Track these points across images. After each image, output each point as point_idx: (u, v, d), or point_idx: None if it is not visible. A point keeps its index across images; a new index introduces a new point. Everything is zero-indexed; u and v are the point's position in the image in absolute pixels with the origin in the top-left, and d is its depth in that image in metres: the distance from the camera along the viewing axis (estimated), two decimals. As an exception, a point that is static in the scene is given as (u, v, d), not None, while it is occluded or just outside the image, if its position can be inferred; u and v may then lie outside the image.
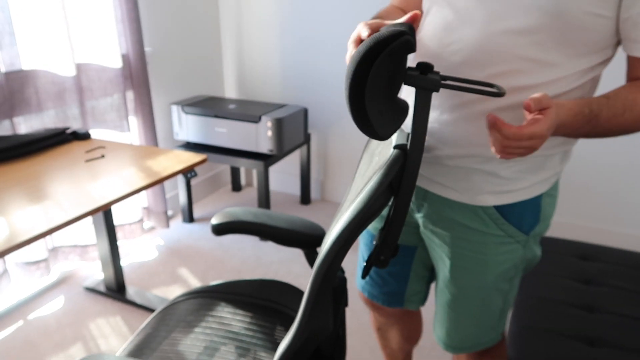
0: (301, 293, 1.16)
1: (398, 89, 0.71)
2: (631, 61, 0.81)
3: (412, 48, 0.67)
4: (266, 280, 1.17)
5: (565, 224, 2.40)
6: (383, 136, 0.70)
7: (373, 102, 0.66)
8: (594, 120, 0.78)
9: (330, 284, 0.69)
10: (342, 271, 1.01)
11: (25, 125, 1.84)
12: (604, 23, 0.75)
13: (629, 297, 1.34)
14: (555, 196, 0.95)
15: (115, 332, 1.80)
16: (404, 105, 0.73)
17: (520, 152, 0.72)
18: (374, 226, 1.11)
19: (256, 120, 2.32)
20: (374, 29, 0.75)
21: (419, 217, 1.02)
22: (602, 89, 2.14)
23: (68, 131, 1.79)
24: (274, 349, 0.98)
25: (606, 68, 1.99)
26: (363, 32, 0.75)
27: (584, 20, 0.74)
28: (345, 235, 0.66)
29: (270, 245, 2.41)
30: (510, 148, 0.71)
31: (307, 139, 2.66)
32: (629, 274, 1.44)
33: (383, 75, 0.65)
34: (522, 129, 0.69)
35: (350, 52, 0.78)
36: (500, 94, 0.68)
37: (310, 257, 1.11)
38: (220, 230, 1.08)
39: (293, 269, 2.21)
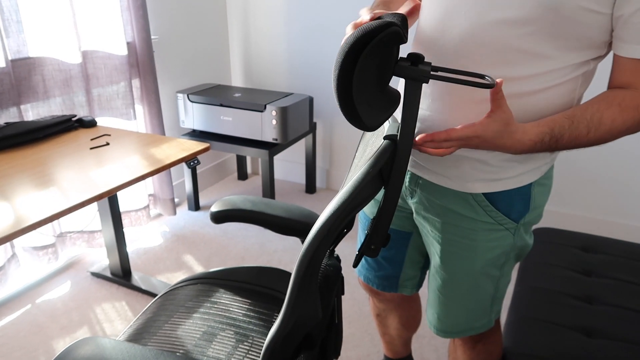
0: None
1: (388, 79, 0.71)
2: (616, 61, 0.80)
3: (400, 39, 0.67)
4: (264, 267, 1.19)
5: (567, 214, 2.39)
6: (371, 127, 0.71)
7: (361, 93, 0.66)
8: (555, 145, 0.80)
9: (315, 272, 0.69)
10: (338, 260, 1.02)
11: (32, 112, 1.86)
12: (599, 19, 0.75)
13: (630, 289, 1.33)
14: (547, 185, 0.95)
15: (121, 316, 1.83)
16: (395, 96, 0.73)
17: (447, 150, 0.80)
18: (372, 212, 1.12)
19: (261, 109, 2.32)
20: (374, 17, 0.75)
21: (412, 203, 1.03)
22: (596, 84, 2.11)
23: (74, 119, 1.81)
24: None
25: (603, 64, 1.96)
26: (364, 17, 0.75)
27: (579, 15, 0.74)
28: (329, 224, 0.66)
29: (274, 234, 2.43)
30: (442, 145, 0.79)
31: (312, 128, 2.66)
32: (631, 266, 1.43)
33: (371, 66, 0.66)
34: (449, 132, 0.76)
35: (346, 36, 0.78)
36: (490, 85, 0.68)
37: None
38: (218, 218, 1.09)
39: (296, 257, 2.23)
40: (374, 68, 0.66)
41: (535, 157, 0.89)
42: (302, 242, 1.11)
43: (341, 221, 0.66)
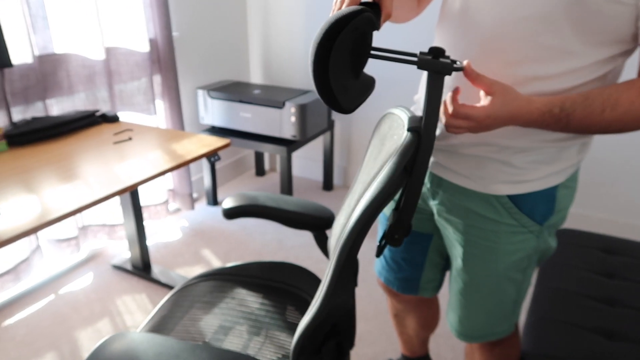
0: (310, 274, 1.18)
1: (363, 64, 0.73)
2: None
3: (373, 25, 0.70)
4: (277, 262, 1.20)
5: (588, 216, 2.35)
6: (347, 110, 0.74)
7: (337, 77, 0.69)
8: (565, 119, 0.78)
9: (353, 262, 0.72)
10: None
11: (57, 107, 1.90)
12: (624, 10, 0.73)
13: (653, 292, 1.31)
14: (572, 187, 0.94)
15: (141, 308, 1.86)
16: (369, 81, 0.77)
17: (457, 129, 0.79)
18: (388, 208, 1.12)
19: (280, 105, 2.34)
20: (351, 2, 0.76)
21: (433, 204, 1.02)
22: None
23: (97, 114, 1.84)
24: (286, 327, 1.01)
25: (629, 65, 1.92)
26: None
27: (603, 7, 0.73)
28: (366, 216, 0.69)
29: (292, 230, 2.44)
30: (450, 121, 0.79)
31: (330, 126, 2.66)
32: (654, 269, 1.41)
33: (346, 51, 0.68)
34: (460, 107, 0.77)
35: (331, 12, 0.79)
36: (459, 68, 0.73)
37: (319, 239, 1.13)
38: (231, 214, 1.11)
39: (313, 253, 2.24)
40: (349, 53, 0.69)
41: (561, 158, 0.88)
42: (314, 235, 1.12)
43: (376, 213, 0.69)
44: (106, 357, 0.72)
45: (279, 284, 1.14)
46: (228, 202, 1.12)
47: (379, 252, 0.87)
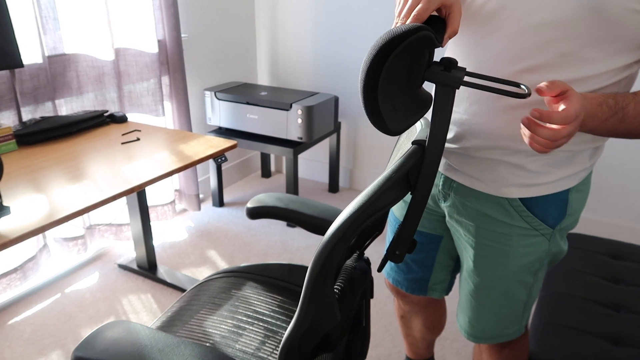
0: None
1: (418, 83, 0.70)
2: None
3: (432, 43, 0.66)
4: (296, 265, 1.20)
5: (595, 221, 2.34)
6: (394, 131, 0.70)
7: (386, 96, 0.65)
8: (621, 113, 0.75)
9: (329, 273, 0.67)
10: (368, 263, 1.01)
11: (66, 107, 1.91)
12: None
13: (660, 298, 1.31)
14: (584, 191, 0.94)
15: (146, 308, 1.87)
16: (426, 100, 0.72)
17: (564, 139, 0.69)
18: (402, 214, 1.12)
19: (287, 107, 2.34)
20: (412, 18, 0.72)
21: (445, 206, 1.02)
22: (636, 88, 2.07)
23: (106, 114, 1.86)
24: None
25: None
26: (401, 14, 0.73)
27: (623, 16, 0.72)
28: (345, 226, 0.64)
29: (296, 232, 2.44)
30: (552, 138, 0.68)
31: (337, 128, 2.67)
32: (662, 274, 1.40)
33: (400, 69, 0.65)
34: (554, 113, 0.66)
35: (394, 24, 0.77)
36: (524, 95, 0.66)
37: None
38: (254, 214, 1.10)
39: (319, 255, 2.24)
40: (403, 71, 0.65)
41: (573, 162, 0.88)
42: None
43: (358, 225, 0.65)
44: (104, 340, 0.73)
45: (297, 288, 1.13)
46: (252, 202, 1.12)
47: (380, 267, 0.86)
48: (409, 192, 0.75)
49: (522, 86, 0.69)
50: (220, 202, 2.70)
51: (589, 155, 0.90)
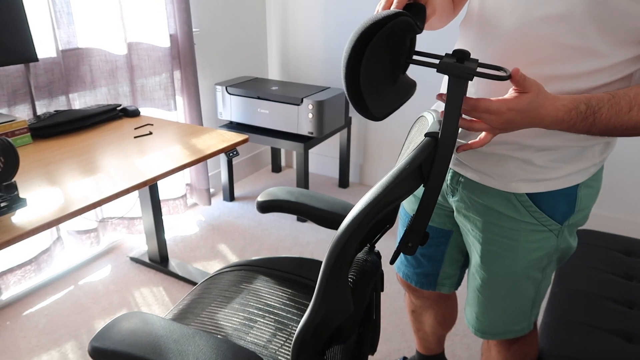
0: None
1: (400, 69, 0.70)
2: None
3: (410, 29, 0.67)
4: (306, 258, 1.20)
5: (608, 217, 2.32)
6: (377, 116, 0.71)
7: (369, 83, 0.66)
8: (592, 117, 0.75)
9: (344, 265, 0.67)
10: (379, 256, 1.02)
11: (80, 101, 1.93)
12: None
13: (674, 295, 1.29)
14: (595, 187, 0.93)
15: (158, 300, 1.89)
16: (409, 86, 0.73)
17: (476, 125, 0.76)
18: (412, 209, 1.12)
19: (298, 102, 2.34)
20: (388, 5, 0.74)
21: (453, 201, 1.02)
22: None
23: (119, 108, 1.87)
24: None
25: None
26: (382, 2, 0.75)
27: (627, 6, 0.71)
28: (360, 217, 0.64)
29: (307, 226, 2.45)
30: (470, 114, 0.75)
31: (347, 123, 2.67)
32: (676, 271, 1.39)
33: (381, 55, 0.65)
34: (479, 100, 0.72)
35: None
36: (505, 77, 0.69)
37: None
38: (265, 207, 1.11)
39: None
40: (384, 57, 0.66)
41: (583, 158, 0.87)
42: None
43: (373, 216, 0.65)
44: (120, 330, 0.75)
45: (307, 281, 1.14)
46: (263, 195, 1.13)
47: (393, 259, 0.86)
48: (421, 185, 0.75)
49: (503, 69, 0.72)
50: (231, 196, 2.72)
51: (599, 150, 0.89)
